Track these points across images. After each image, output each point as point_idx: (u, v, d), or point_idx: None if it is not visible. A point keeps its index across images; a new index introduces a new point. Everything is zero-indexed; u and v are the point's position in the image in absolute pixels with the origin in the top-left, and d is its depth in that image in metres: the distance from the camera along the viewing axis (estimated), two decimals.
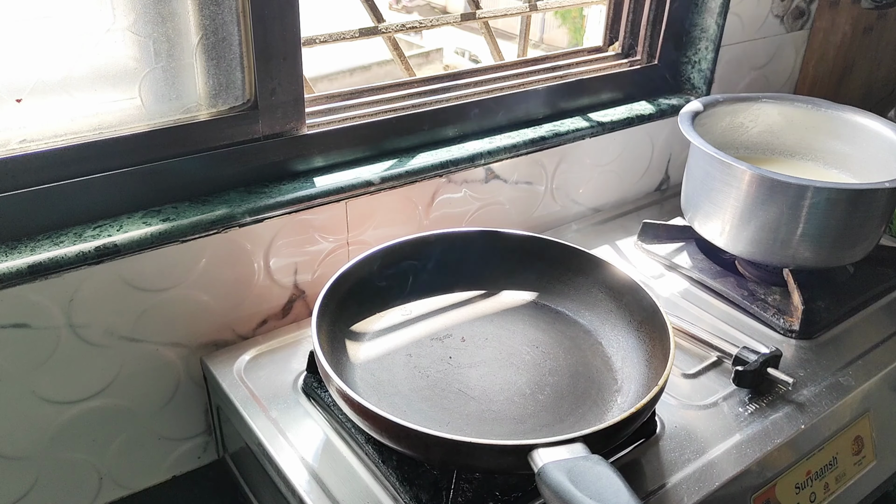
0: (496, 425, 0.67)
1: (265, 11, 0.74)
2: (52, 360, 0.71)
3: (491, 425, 0.67)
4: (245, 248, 0.79)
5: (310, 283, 0.86)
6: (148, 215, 0.74)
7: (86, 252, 0.68)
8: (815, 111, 1.01)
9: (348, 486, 0.64)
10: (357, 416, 0.62)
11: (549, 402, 0.70)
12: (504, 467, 0.60)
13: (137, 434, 0.80)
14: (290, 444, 0.69)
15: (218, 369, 0.78)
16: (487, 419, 0.67)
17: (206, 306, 0.79)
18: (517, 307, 0.83)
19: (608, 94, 1.10)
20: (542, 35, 3.22)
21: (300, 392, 0.75)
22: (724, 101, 1.01)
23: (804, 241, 0.85)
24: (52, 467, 0.76)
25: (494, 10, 1.01)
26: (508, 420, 0.67)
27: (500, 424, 0.67)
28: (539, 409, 0.69)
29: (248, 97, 0.79)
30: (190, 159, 0.76)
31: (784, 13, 1.21)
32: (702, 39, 1.13)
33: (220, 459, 0.88)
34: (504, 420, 0.67)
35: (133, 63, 0.71)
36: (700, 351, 0.82)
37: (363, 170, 0.86)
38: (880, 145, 0.95)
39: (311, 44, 0.83)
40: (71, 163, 0.70)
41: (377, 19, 0.90)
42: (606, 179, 1.11)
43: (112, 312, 0.73)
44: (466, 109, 0.95)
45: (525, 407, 0.69)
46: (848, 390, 0.79)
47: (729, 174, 0.87)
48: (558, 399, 0.70)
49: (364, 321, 0.79)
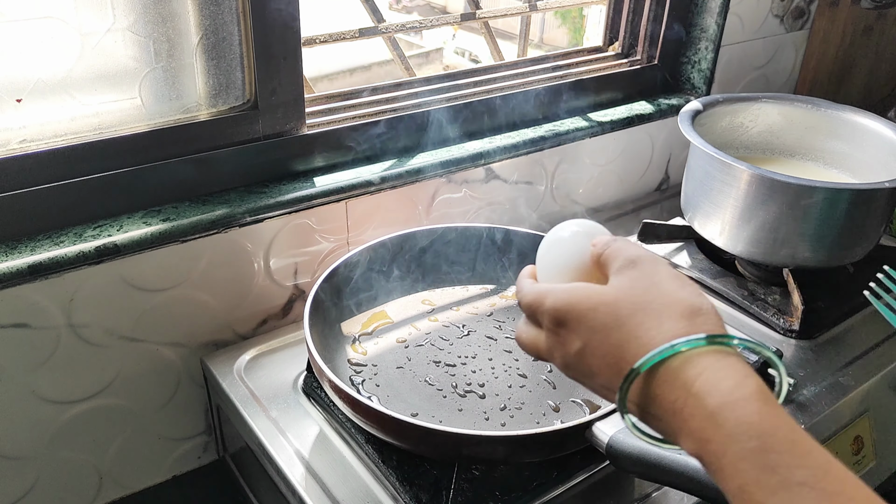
0: (504, 416, 0.67)
1: (265, 11, 0.74)
2: (52, 360, 0.71)
3: (500, 417, 0.67)
4: (245, 248, 0.79)
5: (310, 283, 0.86)
6: (148, 215, 0.74)
7: (86, 252, 0.68)
8: (815, 111, 1.01)
9: (348, 485, 0.64)
10: (352, 412, 0.62)
11: (548, 394, 0.70)
12: (546, 453, 0.61)
13: (137, 434, 0.80)
14: (290, 443, 0.69)
15: (218, 369, 0.78)
16: (491, 411, 0.67)
17: (206, 306, 0.79)
18: (516, 304, 0.83)
19: (608, 94, 1.10)
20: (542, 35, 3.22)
21: (300, 392, 0.75)
22: (724, 101, 1.01)
23: (804, 241, 0.85)
24: (52, 467, 0.76)
25: (494, 10, 1.01)
26: (513, 411, 0.68)
27: (505, 416, 0.67)
28: (541, 398, 0.69)
29: (248, 97, 0.79)
30: (190, 159, 0.76)
31: (784, 13, 1.21)
32: (702, 39, 1.13)
33: (220, 459, 0.88)
34: (507, 411, 0.68)
35: (133, 63, 0.71)
36: None
37: (363, 170, 0.86)
38: (880, 145, 0.95)
39: (311, 44, 0.83)
40: (71, 163, 0.70)
41: (377, 19, 0.90)
42: (606, 179, 1.11)
43: (112, 312, 0.73)
44: (466, 109, 0.95)
45: (527, 399, 0.69)
46: (848, 390, 0.79)
47: (729, 174, 0.87)
48: (560, 389, 0.70)
49: (360, 317, 0.79)
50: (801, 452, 0.34)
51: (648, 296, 0.41)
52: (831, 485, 0.32)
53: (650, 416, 0.40)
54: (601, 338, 0.41)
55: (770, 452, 0.33)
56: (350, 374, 0.72)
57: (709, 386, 0.36)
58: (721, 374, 0.37)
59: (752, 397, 0.36)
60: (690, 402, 0.37)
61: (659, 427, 0.40)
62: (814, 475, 0.33)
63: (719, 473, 0.35)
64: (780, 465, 0.33)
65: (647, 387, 0.39)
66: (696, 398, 0.37)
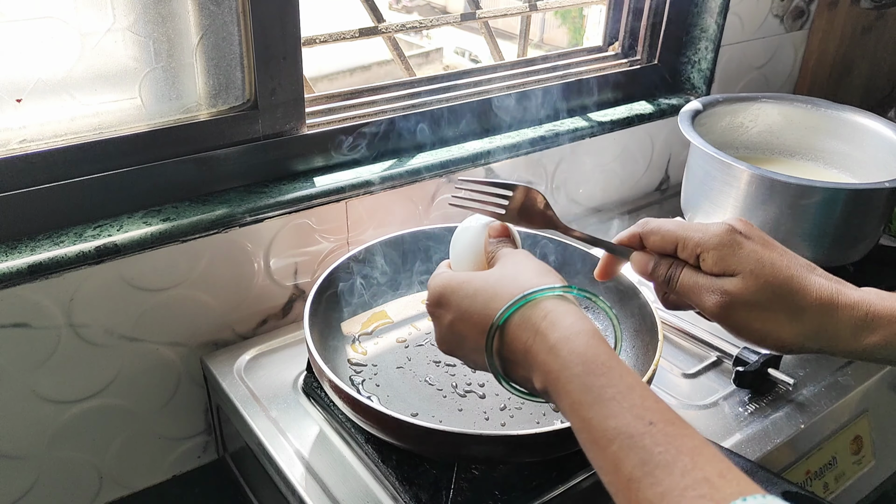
0: (504, 416, 0.67)
1: (265, 11, 0.74)
2: (52, 359, 0.71)
3: (500, 417, 0.67)
4: (245, 248, 0.79)
5: (310, 283, 0.86)
6: (148, 215, 0.74)
7: (86, 252, 0.68)
8: (815, 111, 1.01)
9: (348, 485, 0.64)
10: (352, 412, 0.62)
11: None
12: None
13: (137, 434, 0.80)
14: (290, 443, 0.69)
15: (218, 369, 0.78)
16: (491, 411, 0.68)
17: (206, 306, 0.79)
18: None
19: (608, 94, 1.10)
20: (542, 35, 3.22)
21: (300, 392, 0.75)
22: (724, 101, 1.01)
23: (804, 241, 0.85)
24: (52, 467, 0.76)
25: (494, 10, 1.01)
26: (513, 411, 0.68)
27: (505, 416, 0.67)
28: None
29: (248, 97, 0.79)
30: (190, 159, 0.76)
31: (784, 13, 1.21)
32: (702, 39, 1.13)
33: (220, 459, 0.88)
34: (507, 411, 0.68)
35: (133, 63, 0.71)
36: (700, 351, 0.82)
37: (363, 170, 0.86)
38: (880, 145, 0.95)
39: (311, 44, 0.83)
40: (71, 163, 0.70)
41: (377, 19, 0.90)
42: (606, 179, 1.11)
43: (112, 312, 0.73)
44: (466, 109, 0.95)
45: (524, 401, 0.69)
46: (847, 390, 0.79)
47: (729, 174, 0.87)
48: None
49: (360, 317, 0.79)
50: (614, 376, 0.42)
51: (513, 270, 0.51)
52: (634, 399, 0.40)
53: (510, 363, 0.48)
54: (469, 303, 0.50)
55: (590, 375, 0.42)
56: (350, 374, 0.72)
57: (551, 324, 0.45)
58: (562, 315, 0.46)
59: (584, 333, 0.44)
60: (538, 340, 0.45)
61: (518, 374, 0.48)
62: (621, 392, 0.41)
63: (556, 397, 0.44)
64: (596, 385, 0.41)
65: (506, 335, 0.48)
66: (542, 335, 0.45)
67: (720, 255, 0.51)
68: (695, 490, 0.35)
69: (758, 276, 0.50)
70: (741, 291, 0.50)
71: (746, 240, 0.52)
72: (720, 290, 0.51)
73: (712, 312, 0.52)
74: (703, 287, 0.52)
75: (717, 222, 0.53)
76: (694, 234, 0.53)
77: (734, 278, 0.51)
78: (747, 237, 0.52)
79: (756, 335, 0.51)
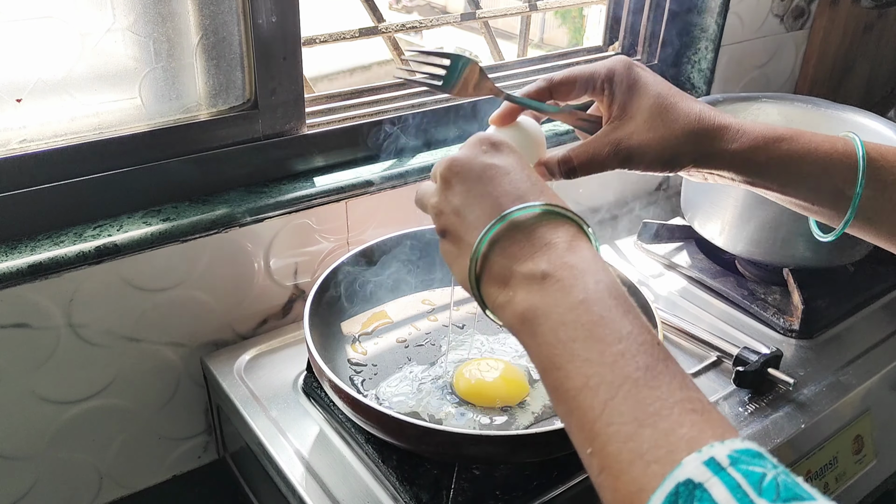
0: (505, 416, 0.67)
1: (265, 11, 0.74)
2: (52, 360, 0.71)
3: (502, 416, 0.67)
4: (245, 248, 0.79)
5: (310, 283, 0.85)
6: (148, 215, 0.74)
7: (86, 252, 0.68)
8: (815, 111, 1.01)
9: (348, 485, 0.64)
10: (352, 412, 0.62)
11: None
12: None
13: (137, 434, 0.80)
14: (290, 443, 0.69)
15: (218, 369, 0.78)
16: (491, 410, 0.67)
17: (207, 306, 0.79)
18: None
19: None
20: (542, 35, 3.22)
21: (300, 392, 0.75)
22: (724, 101, 1.01)
23: (804, 241, 0.85)
24: (52, 467, 0.76)
25: (494, 9, 1.01)
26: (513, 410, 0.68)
27: (505, 416, 0.67)
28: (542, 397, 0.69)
29: (248, 97, 0.79)
30: (190, 159, 0.76)
31: (784, 13, 1.21)
32: (702, 39, 1.13)
33: (220, 459, 0.88)
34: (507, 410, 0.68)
35: (133, 63, 0.71)
36: (700, 351, 0.82)
37: (363, 170, 0.86)
38: None
39: (311, 44, 0.83)
40: (71, 163, 0.70)
41: (377, 19, 0.90)
42: (606, 179, 1.11)
43: (112, 312, 0.73)
44: (466, 109, 0.95)
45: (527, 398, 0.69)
46: (848, 389, 0.79)
47: None
48: None
49: (360, 317, 0.79)
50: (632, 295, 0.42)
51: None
52: None
53: (502, 258, 0.45)
54: (485, 184, 0.46)
55: (615, 286, 0.41)
56: (350, 374, 0.72)
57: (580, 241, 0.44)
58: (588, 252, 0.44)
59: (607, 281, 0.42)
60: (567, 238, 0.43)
61: (503, 266, 0.44)
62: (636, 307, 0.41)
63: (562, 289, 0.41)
64: (620, 292, 0.41)
65: (512, 230, 0.44)
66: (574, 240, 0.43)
67: (629, 75, 0.57)
68: (690, 404, 0.35)
69: (657, 95, 0.56)
70: (636, 111, 0.56)
71: (640, 69, 0.58)
72: (615, 124, 0.57)
73: (607, 143, 0.57)
74: (597, 139, 0.58)
75: None
76: (599, 67, 0.58)
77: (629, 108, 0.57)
78: (640, 67, 0.58)
79: (640, 149, 0.56)
